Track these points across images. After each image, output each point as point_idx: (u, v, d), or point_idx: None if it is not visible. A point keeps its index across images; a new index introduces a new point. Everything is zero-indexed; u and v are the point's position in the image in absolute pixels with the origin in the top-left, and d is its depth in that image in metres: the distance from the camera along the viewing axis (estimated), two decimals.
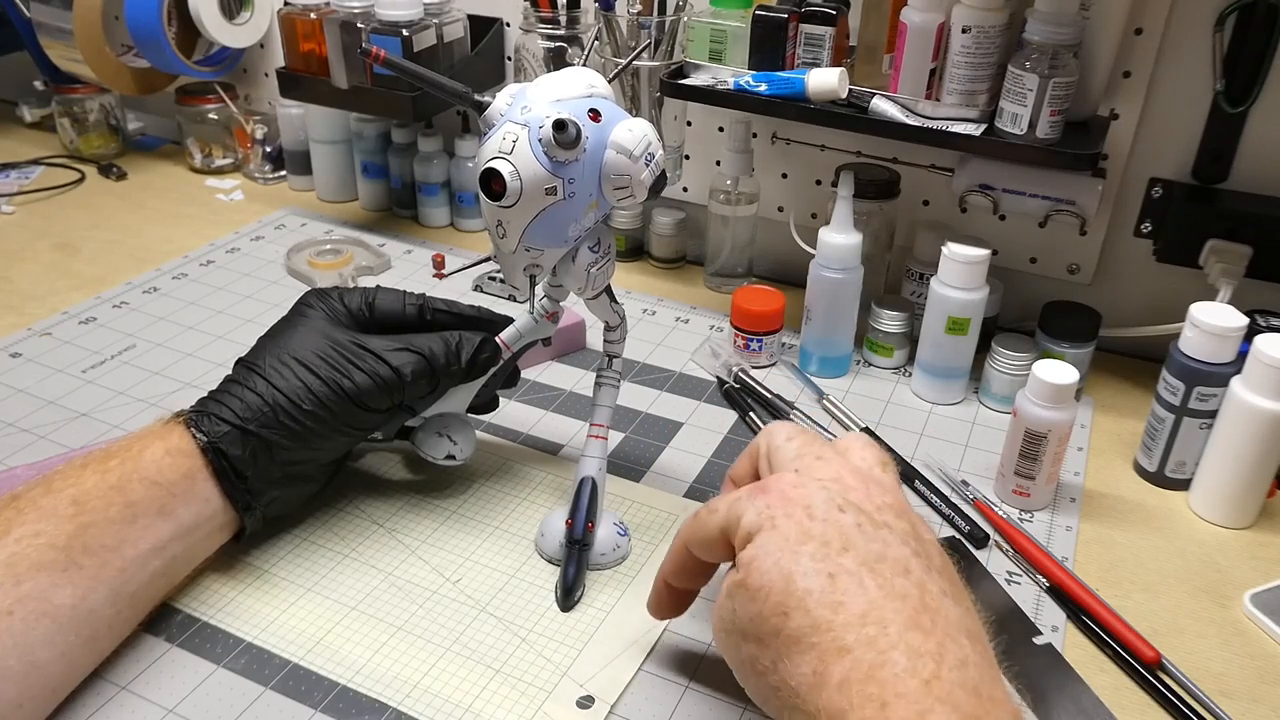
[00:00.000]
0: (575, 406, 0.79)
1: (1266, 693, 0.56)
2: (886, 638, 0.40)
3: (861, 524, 0.44)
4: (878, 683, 0.39)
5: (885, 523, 0.45)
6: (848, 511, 0.45)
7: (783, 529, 0.44)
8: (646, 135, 0.54)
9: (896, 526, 0.45)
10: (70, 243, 1.04)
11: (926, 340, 0.79)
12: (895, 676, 0.39)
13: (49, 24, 1.16)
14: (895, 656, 0.39)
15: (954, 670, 0.39)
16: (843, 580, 0.42)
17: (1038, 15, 0.72)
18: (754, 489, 0.47)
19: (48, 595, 0.49)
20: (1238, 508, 0.68)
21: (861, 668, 0.39)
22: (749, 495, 0.47)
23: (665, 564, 0.53)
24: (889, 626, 0.40)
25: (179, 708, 0.52)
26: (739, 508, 0.46)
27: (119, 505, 0.53)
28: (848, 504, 0.45)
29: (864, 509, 0.45)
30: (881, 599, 0.41)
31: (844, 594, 0.41)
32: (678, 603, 0.54)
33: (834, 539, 0.43)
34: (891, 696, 0.38)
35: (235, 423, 0.57)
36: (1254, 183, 0.79)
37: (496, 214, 0.54)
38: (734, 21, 0.81)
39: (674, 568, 0.52)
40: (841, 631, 0.40)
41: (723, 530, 0.47)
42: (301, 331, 0.61)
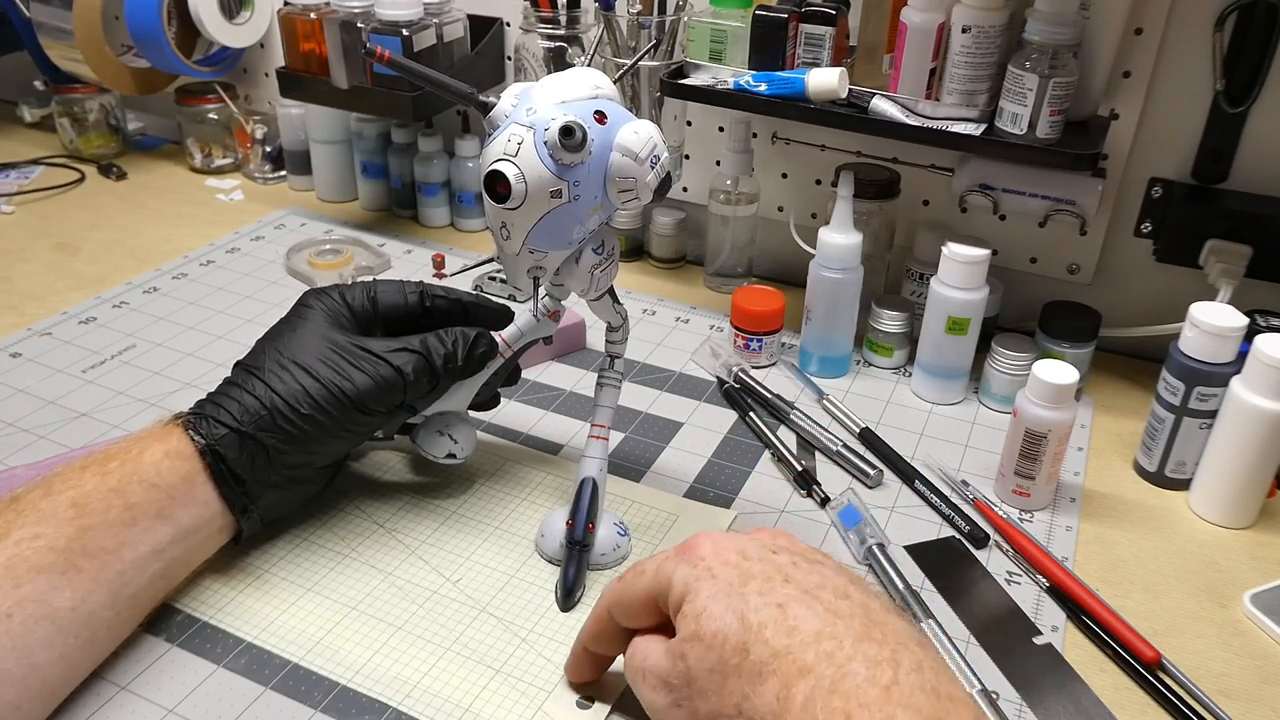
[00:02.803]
0: (575, 406, 0.79)
1: (1266, 693, 0.56)
2: (843, 651, 0.40)
3: (796, 562, 0.45)
4: (841, 695, 0.39)
5: (818, 560, 0.46)
6: (780, 554, 0.46)
7: (721, 576, 0.44)
8: (652, 138, 0.54)
9: (828, 563, 0.46)
10: (70, 243, 1.04)
11: (926, 340, 0.79)
12: (857, 687, 0.39)
13: (49, 24, 1.16)
14: (854, 668, 0.40)
15: (911, 674, 0.40)
16: (792, 607, 0.42)
17: (1038, 15, 0.72)
18: (681, 548, 0.47)
19: (47, 598, 0.49)
20: (1238, 508, 0.68)
21: (824, 683, 0.40)
22: (677, 555, 0.47)
23: (585, 629, 0.52)
24: (844, 641, 0.41)
25: (179, 708, 0.52)
26: (667, 569, 0.46)
27: (118, 508, 0.53)
28: (779, 547, 0.46)
29: (795, 550, 0.46)
30: (831, 618, 0.42)
31: (796, 619, 0.42)
32: (596, 667, 0.53)
33: (774, 574, 0.44)
34: (855, 707, 0.39)
35: (233, 425, 0.57)
36: (1254, 183, 0.79)
37: (501, 216, 0.54)
38: (734, 21, 0.81)
39: (593, 632, 0.51)
40: (800, 652, 0.41)
41: (649, 594, 0.47)
42: (300, 333, 0.61)
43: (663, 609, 0.46)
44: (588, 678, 0.54)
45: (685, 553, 0.46)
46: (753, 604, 0.43)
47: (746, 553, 0.45)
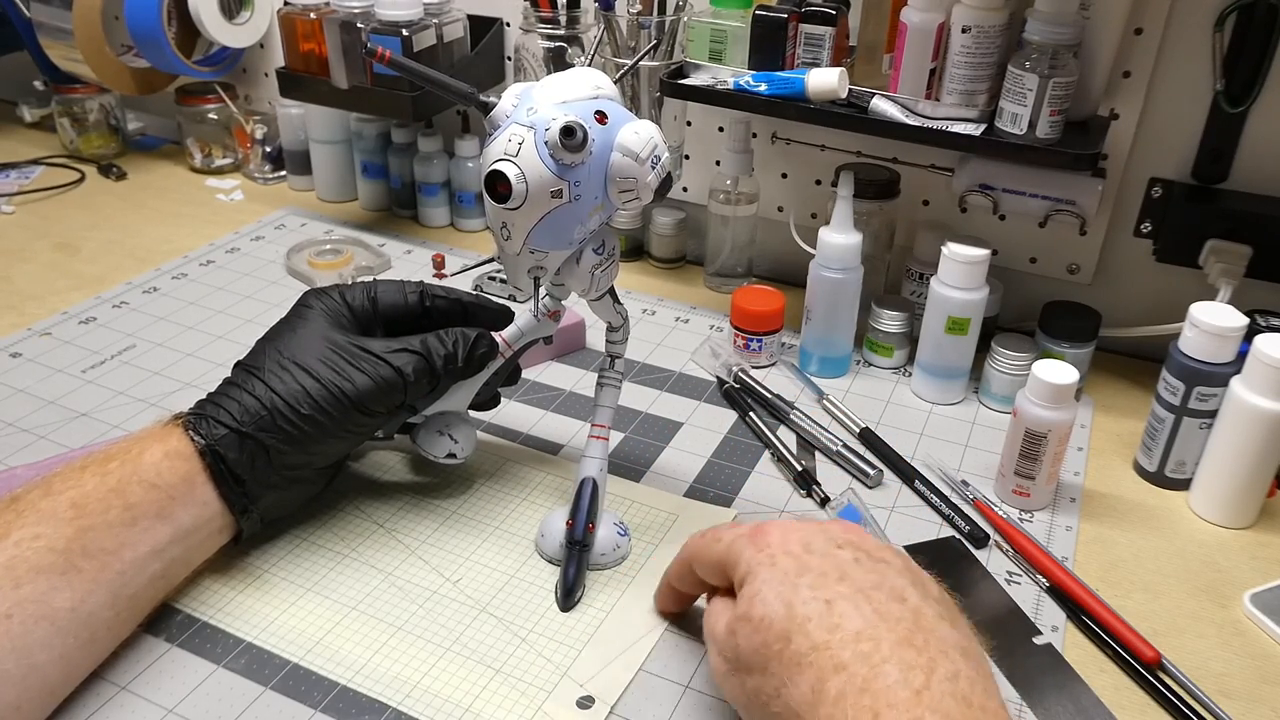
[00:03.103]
0: (575, 406, 0.79)
1: (1266, 693, 0.56)
2: (880, 653, 0.41)
3: (859, 559, 0.47)
4: (871, 694, 0.40)
5: (883, 559, 0.47)
6: (845, 549, 0.47)
7: (782, 565, 0.46)
8: (653, 138, 0.54)
9: (894, 562, 0.47)
10: (70, 243, 1.04)
11: (926, 340, 0.79)
12: (887, 688, 0.40)
13: (49, 24, 1.16)
14: (888, 670, 0.41)
15: (945, 682, 0.40)
16: (839, 605, 0.44)
17: (1038, 15, 0.72)
18: (754, 530, 0.49)
19: (47, 598, 0.49)
20: (1238, 508, 0.68)
21: (856, 681, 0.41)
22: (749, 537, 0.49)
23: (671, 568, 0.56)
24: (882, 644, 0.42)
25: (179, 708, 0.52)
26: (738, 547, 0.49)
27: (118, 508, 0.53)
28: (846, 542, 0.48)
29: (861, 547, 0.48)
30: (876, 620, 0.43)
31: (840, 616, 0.43)
32: (680, 601, 0.58)
33: (830, 571, 0.46)
34: (884, 706, 0.40)
35: (232, 426, 0.57)
36: (1254, 183, 0.79)
37: (501, 216, 0.54)
38: (734, 21, 0.81)
39: (678, 573, 0.56)
40: (838, 649, 0.42)
41: (720, 563, 0.50)
42: (301, 333, 0.61)
43: (731, 579, 0.49)
44: (672, 609, 0.58)
45: (756, 536, 0.49)
46: (802, 596, 0.44)
47: (810, 545, 0.47)
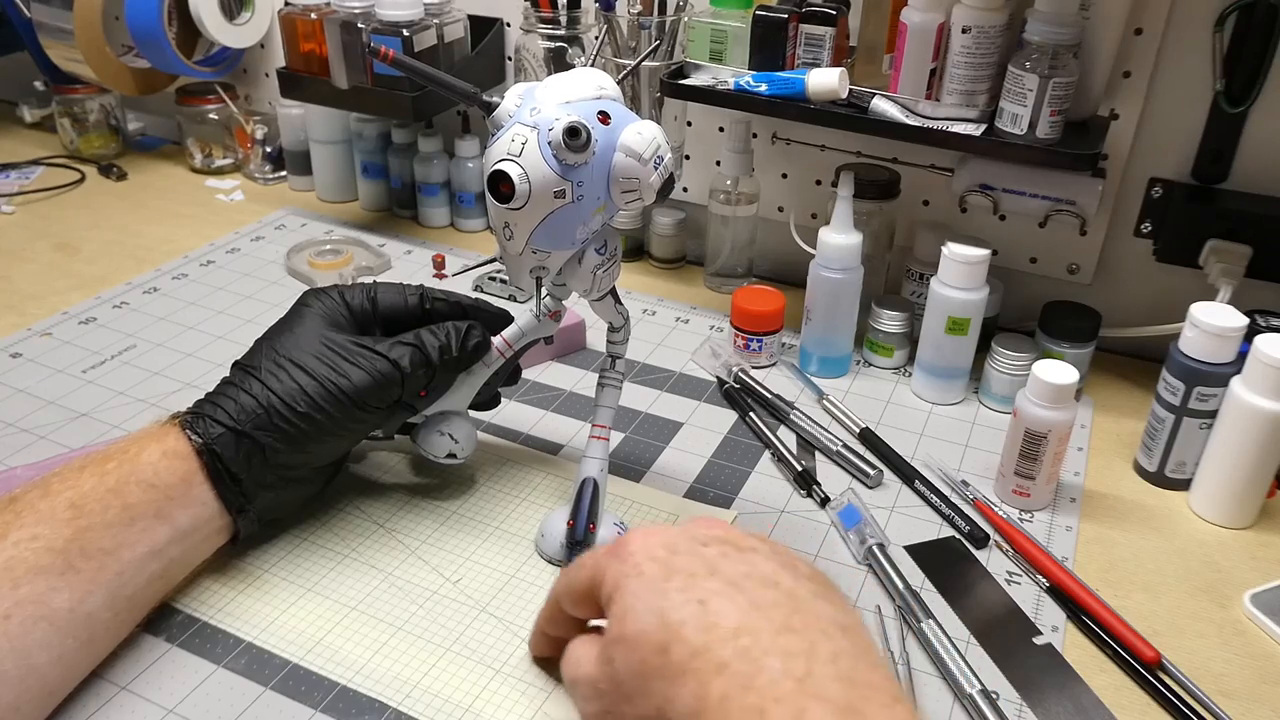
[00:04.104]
0: (575, 406, 0.79)
1: (1266, 693, 0.56)
2: (760, 646, 0.40)
3: (726, 552, 0.44)
4: (756, 692, 0.38)
5: (750, 547, 0.45)
6: (710, 545, 0.45)
7: (648, 573, 0.44)
8: (656, 138, 0.54)
9: (760, 548, 0.45)
10: (70, 243, 1.04)
11: (926, 340, 0.79)
12: (771, 682, 0.38)
13: (49, 24, 1.16)
14: (769, 662, 0.39)
15: (826, 665, 0.39)
16: (714, 602, 0.42)
17: (1038, 15, 0.72)
18: (615, 544, 0.46)
19: (45, 599, 0.49)
20: (1238, 508, 0.68)
21: (739, 679, 0.39)
22: (611, 552, 0.46)
23: (541, 612, 0.53)
24: (761, 635, 0.40)
25: (179, 708, 0.52)
26: (602, 565, 0.46)
27: (116, 508, 0.53)
28: (710, 538, 0.45)
29: (727, 540, 0.46)
30: (752, 611, 0.41)
31: (716, 614, 0.41)
32: (554, 647, 0.53)
33: (699, 569, 0.43)
34: (769, 702, 0.38)
35: (229, 425, 0.57)
36: (1254, 183, 0.79)
37: (504, 216, 0.54)
38: (734, 21, 0.81)
39: (548, 617, 0.52)
40: (718, 649, 0.40)
41: (588, 589, 0.47)
42: (298, 332, 0.61)
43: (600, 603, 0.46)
44: (546, 653, 0.54)
45: (617, 549, 0.46)
46: (674, 601, 0.42)
47: (675, 547, 0.45)
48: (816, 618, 0.41)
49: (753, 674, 0.39)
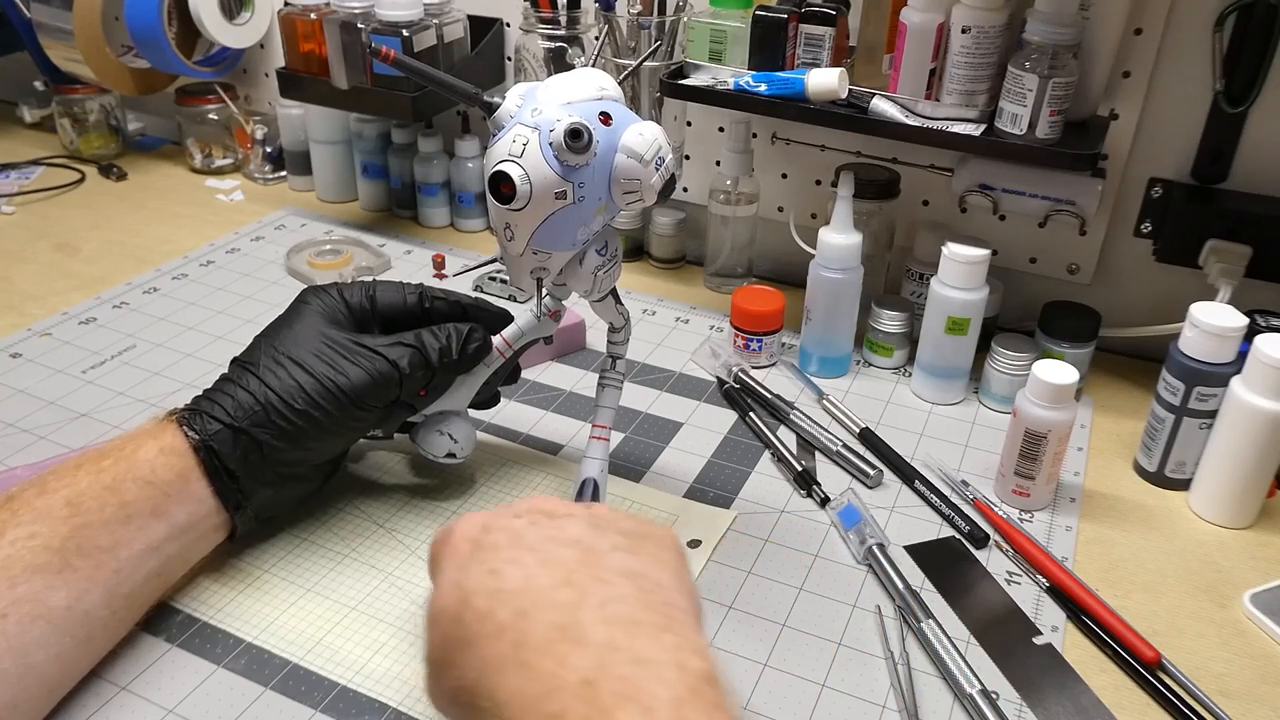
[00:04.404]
0: (575, 406, 0.79)
1: (1266, 693, 0.56)
2: (537, 604, 0.40)
3: (536, 521, 0.44)
4: (527, 648, 0.38)
5: (566, 514, 0.45)
6: (523, 516, 0.45)
7: (460, 551, 0.44)
8: (657, 139, 0.54)
9: (578, 514, 0.45)
10: (70, 243, 1.04)
11: (926, 340, 0.79)
12: (540, 635, 0.39)
13: (49, 24, 1.16)
14: (541, 616, 0.39)
15: (593, 611, 0.39)
16: (505, 569, 0.42)
17: (1037, 15, 0.72)
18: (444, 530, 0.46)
19: (43, 597, 0.49)
20: (1238, 508, 0.68)
21: (511, 638, 0.39)
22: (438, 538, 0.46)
23: None
24: (541, 593, 0.40)
25: (179, 708, 0.52)
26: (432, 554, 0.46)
27: (113, 506, 0.53)
28: (525, 510, 0.45)
29: (541, 510, 0.45)
30: (538, 571, 0.41)
31: (503, 579, 0.41)
32: None
33: (504, 542, 0.43)
34: (535, 656, 0.38)
35: (227, 421, 0.57)
36: (1254, 183, 0.79)
37: (505, 217, 0.54)
38: (734, 22, 0.81)
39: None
40: (499, 612, 0.40)
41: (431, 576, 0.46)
42: (297, 329, 0.61)
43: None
44: None
45: (444, 534, 0.46)
46: (472, 573, 0.42)
47: (489, 525, 0.45)
48: (602, 568, 0.42)
49: (525, 630, 0.39)
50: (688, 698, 0.36)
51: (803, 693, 0.55)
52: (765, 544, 0.65)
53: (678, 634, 0.39)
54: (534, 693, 0.37)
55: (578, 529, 0.44)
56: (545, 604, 0.40)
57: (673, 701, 0.36)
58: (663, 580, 0.42)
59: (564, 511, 0.45)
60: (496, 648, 0.39)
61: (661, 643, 0.39)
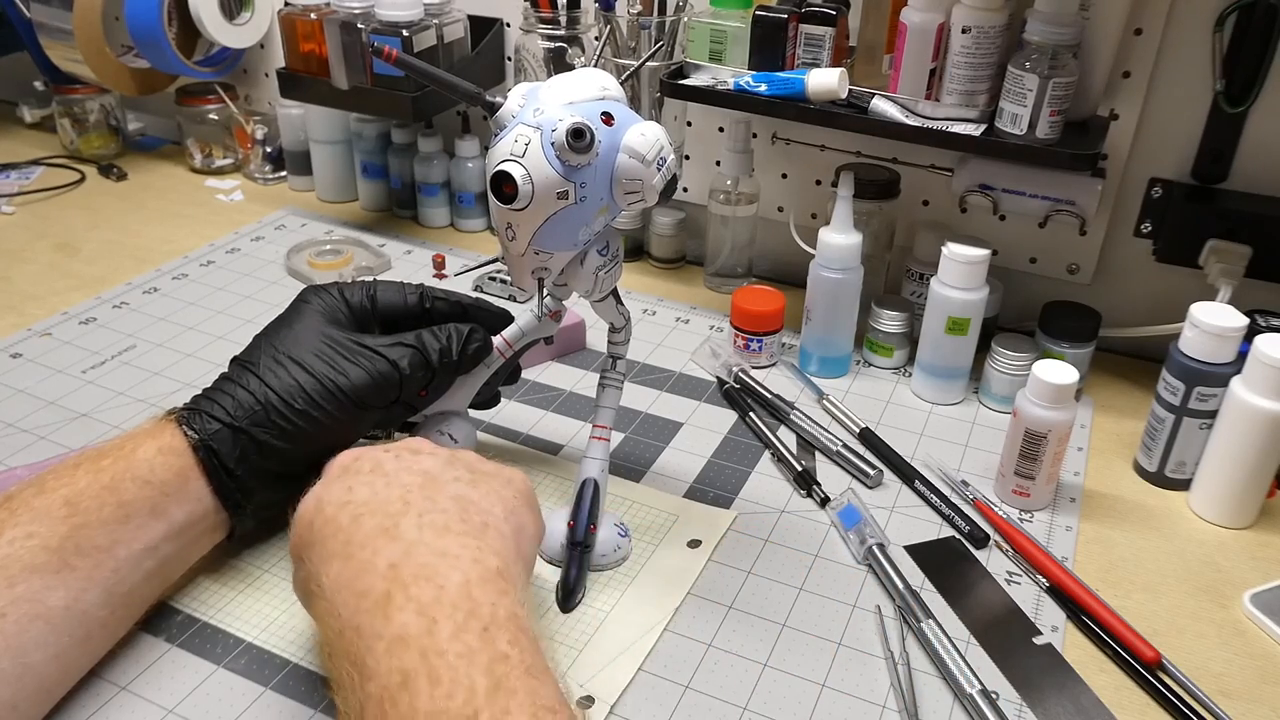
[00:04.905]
0: (575, 406, 0.79)
1: (1266, 693, 0.56)
2: (371, 512, 0.48)
3: (399, 454, 0.52)
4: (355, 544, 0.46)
5: (428, 452, 0.52)
6: (389, 452, 0.52)
7: (330, 471, 0.52)
8: (659, 139, 0.54)
9: (439, 454, 0.53)
10: (70, 243, 1.04)
11: (926, 340, 0.79)
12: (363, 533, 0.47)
13: (49, 24, 1.16)
14: (367, 520, 0.47)
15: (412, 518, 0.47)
16: (358, 488, 0.50)
17: (1038, 15, 0.72)
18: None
19: (41, 597, 0.49)
20: (1238, 508, 0.68)
21: (342, 537, 0.47)
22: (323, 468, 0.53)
23: None
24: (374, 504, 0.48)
25: (179, 708, 0.52)
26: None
27: (112, 505, 0.53)
28: (394, 447, 0.53)
29: (407, 447, 0.53)
30: (383, 489, 0.49)
31: (352, 493, 0.49)
32: None
33: (365, 467, 0.51)
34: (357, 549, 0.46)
35: (226, 421, 0.56)
36: (1254, 183, 0.79)
37: (506, 217, 0.54)
38: (734, 22, 0.81)
39: None
40: (338, 517, 0.48)
41: None
42: (298, 329, 0.61)
43: None
44: None
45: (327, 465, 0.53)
46: (332, 489, 0.50)
47: (360, 455, 0.52)
48: (437, 491, 0.49)
49: (352, 530, 0.47)
50: (477, 581, 0.44)
51: (803, 693, 0.55)
52: (765, 544, 0.65)
53: (481, 541, 0.47)
54: (349, 574, 0.46)
55: (430, 463, 0.51)
56: (377, 511, 0.48)
57: (462, 583, 0.44)
58: (490, 508, 0.50)
59: (427, 450, 0.53)
60: (330, 545, 0.47)
61: (463, 544, 0.46)
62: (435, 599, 0.43)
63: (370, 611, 0.43)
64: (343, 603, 0.45)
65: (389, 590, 0.44)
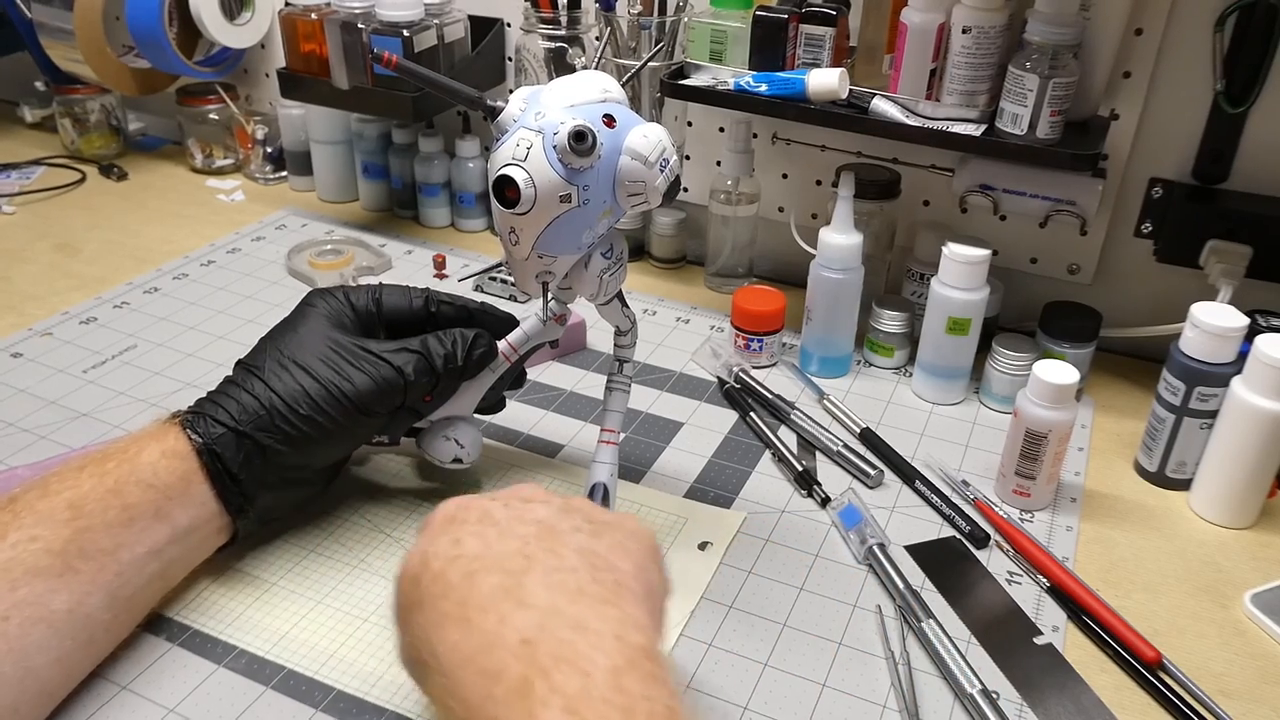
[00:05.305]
0: (576, 406, 0.79)
1: (1266, 693, 0.56)
2: (486, 568, 0.42)
3: (509, 504, 0.47)
4: (470, 606, 0.41)
5: (540, 500, 0.47)
6: (497, 500, 0.47)
7: (433, 523, 0.47)
8: (662, 141, 0.54)
9: (551, 501, 0.47)
10: (71, 243, 1.04)
11: (927, 340, 0.79)
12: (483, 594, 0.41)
13: (50, 24, 1.16)
14: (485, 578, 0.42)
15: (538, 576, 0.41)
16: (466, 540, 0.44)
17: (1038, 15, 0.72)
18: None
19: (44, 600, 0.49)
20: (1238, 508, 0.68)
21: (457, 597, 0.41)
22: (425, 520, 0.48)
23: None
24: (490, 559, 0.43)
25: (179, 707, 0.52)
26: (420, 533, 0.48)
27: (115, 509, 0.52)
28: (501, 495, 0.48)
29: (516, 495, 0.48)
30: (496, 540, 0.44)
31: (461, 547, 0.44)
32: None
33: (472, 517, 0.46)
34: (475, 613, 0.40)
35: (230, 425, 0.56)
36: (1254, 183, 0.79)
37: (509, 221, 0.54)
38: (734, 22, 0.81)
39: None
40: (450, 574, 0.42)
41: None
42: (302, 333, 0.61)
43: None
44: None
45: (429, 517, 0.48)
46: (438, 542, 0.45)
47: (465, 504, 0.47)
48: (557, 544, 0.44)
49: (469, 589, 0.41)
50: (626, 668, 0.38)
51: (803, 692, 0.55)
52: (766, 544, 0.65)
53: (621, 609, 0.41)
54: (472, 647, 0.39)
55: (545, 511, 0.46)
56: (494, 568, 0.42)
57: (611, 670, 0.38)
58: (619, 564, 0.44)
59: (539, 497, 0.48)
60: (443, 606, 0.42)
61: (603, 614, 0.40)
62: (583, 691, 0.37)
63: (506, 702, 0.37)
64: (468, 684, 0.39)
65: (526, 676, 0.37)
